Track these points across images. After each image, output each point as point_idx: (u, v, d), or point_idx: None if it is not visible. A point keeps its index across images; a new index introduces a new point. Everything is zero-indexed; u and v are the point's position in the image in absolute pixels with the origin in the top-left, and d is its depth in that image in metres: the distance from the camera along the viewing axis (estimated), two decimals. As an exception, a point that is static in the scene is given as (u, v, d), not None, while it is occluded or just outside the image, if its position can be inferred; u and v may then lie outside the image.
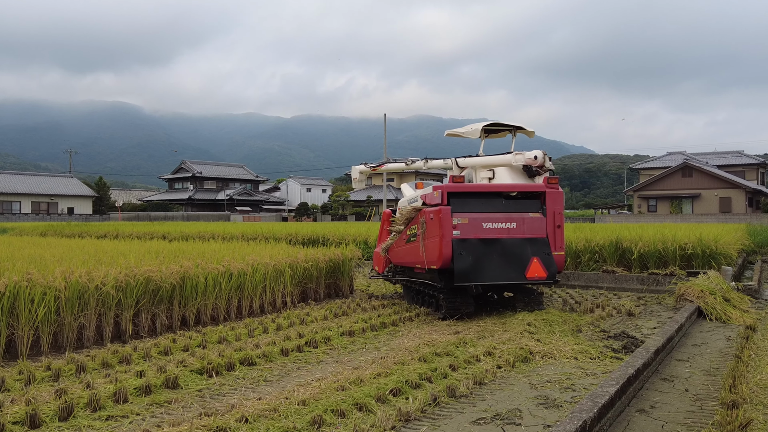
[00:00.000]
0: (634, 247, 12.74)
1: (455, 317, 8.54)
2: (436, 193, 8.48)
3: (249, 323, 8.22)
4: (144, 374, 5.51)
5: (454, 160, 9.96)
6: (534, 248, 8.46)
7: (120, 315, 7.24)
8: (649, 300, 10.85)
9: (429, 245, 8.43)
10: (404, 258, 9.58)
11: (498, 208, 8.57)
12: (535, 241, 8.52)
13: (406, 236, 9.41)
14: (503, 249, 8.34)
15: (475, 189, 8.69)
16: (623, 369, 5.19)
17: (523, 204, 8.77)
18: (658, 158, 70.85)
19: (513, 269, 8.31)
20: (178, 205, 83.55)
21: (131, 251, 10.19)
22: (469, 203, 8.46)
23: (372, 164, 12.22)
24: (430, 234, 8.40)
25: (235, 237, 18.51)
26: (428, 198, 8.73)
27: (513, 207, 8.65)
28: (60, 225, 31.36)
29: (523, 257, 8.36)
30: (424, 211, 8.70)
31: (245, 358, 6.11)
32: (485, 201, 8.58)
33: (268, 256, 9.95)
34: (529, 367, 6.02)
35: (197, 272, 8.14)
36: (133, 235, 20.83)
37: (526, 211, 8.66)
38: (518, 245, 8.42)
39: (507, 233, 8.43)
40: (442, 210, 8.24)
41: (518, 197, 8.87)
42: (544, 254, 8.46)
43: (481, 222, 8.34)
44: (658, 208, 58.99)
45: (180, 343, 6.90)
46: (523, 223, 8.54)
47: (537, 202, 8.84)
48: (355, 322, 8.31)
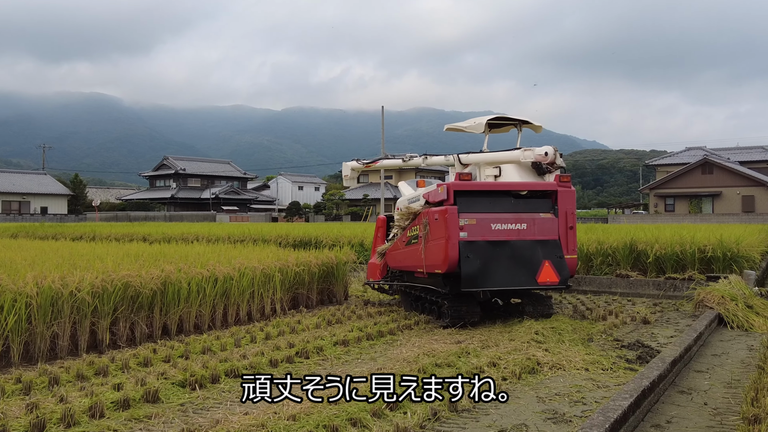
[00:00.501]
0: (649, 249, 12.76)
1: (459, 326, 8.53)
2: (441, 191, 8.42)
3: (235, 332, 8.21)
4: (122, 387, 5.51)
5: (456, 156, 9.90)
6: (545, 251, 8.42)
7: (96, 323, 7.23)
8: (665, 306, 10.87)
9: (433, 247, 8.39)
10: (404, 262, 9.58)
11: (507, 207, 8.53)
12: (546, 244, 8.48)
13: (406, 238, 9.37)
14: (513, 252, 8.30)
15: (484, 187, 8.65)
16: (637, 381, 5.20)
17: (534, 204, 8.75)
18: (676, 154, 71.01)
19: (523, 273, 8.27)
20: (160, 205, 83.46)
21: (109, 254, 10.18)
22: (477, 202, 8.41)
23: (365, 160, 12.18)
24: (435, 235, 8.36)
25: (220, 239, 18.50)
26: (432, 196, 8.69)
27: (523, 207, 8.63)
28: (32, 226, 31.34)
29: (533, 261, 8.32)
30: (427, 211, 8.66)
31: (231, 369, 6.11)
32: (494, 200, 8.54)
33: (256, 259, 9.95)
34: (537, 379, 6.02)
35: (180, 277, 8.14)
36: (111, 237, 20.82)
37: (536, 212, 8.64)
38: (529, 248, 8.38)
39: (517, 235, 8.39)
40: (448, 210, 8.18)
41: (529, 196, 8.87)
42: (556, 257, 8.41)
43: (489, 223, 8.29)
44: (676, 208, 59.09)
45: (161, 353, 6.90)
46: (534, 224, 8.50)
47: (548, 201, 8.83)
48: (349, 330, 8.32)
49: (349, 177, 12.32)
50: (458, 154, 9.89)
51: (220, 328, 8.63)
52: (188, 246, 13.81)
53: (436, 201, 8.56)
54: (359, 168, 12.15)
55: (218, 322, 8.69)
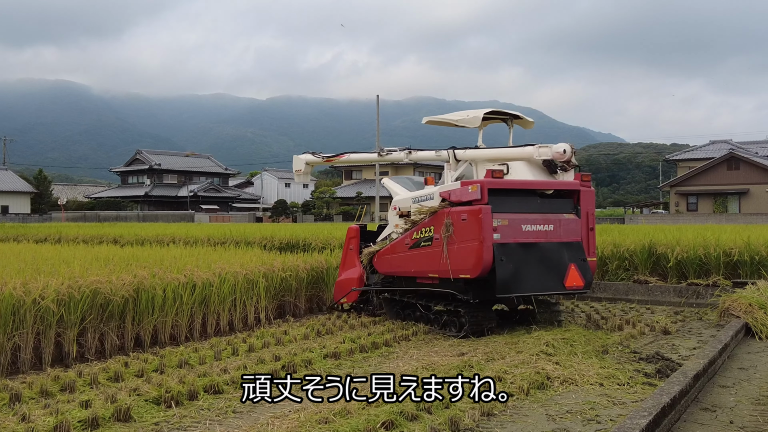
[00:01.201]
0: (670, 252, 12.80)
1: (461, 336, 8.63)
2: (472, 189, 8.48)
3: (215, 343, 8.21)
4: (90, 404, 5.50)
5: (451, 151, 9.82)
6: (570, 254, 8.73)
7: (62, 334, 7.23)
8: (687, 315, 10.90)
9: (460, 251, 8.49)
10: (405, 267, 9.58)
11: (535, 208, 8.80)
12: (571, 246, 8.80)
13: (411, 240, 9.37)
14: (542, 255, 8.57)
15: (514, 186, 8.84)
16: (656, 397, 5.20)
17: (558, 204, 9.03)
18: (700, 148, 71.22)
19: (552, 278, 8.55)
20: (133, 203, 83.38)
21: (76, 258, 10.16)
22: (507, 202, 8.60)
23: (326, 154, 11.98)
24: (463, 237, 8.45)
25: (199, 241, 18.48)
26: (457, 195, 8.73)
27: (549, 207, 8.91)
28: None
29: (561, 264, 8.62)
30: (450, 210, 8.72)
31: (210, 385, 6.10)
32: (522, 200, 8.77)
33: (238, 263, 9.95)
34: (546, 395, 6.03)
35: (154, 283, 8.14)
36: (79, 239, 20.79)
37: (561, 212, 8.95)
38: (556, 250, 8.68)
39: (545, 237, 8.66)
40: (482, 209, 8.27)
41: (553, 196, 9.11)
42: (580, 260, 8.73)
43: (520, 224, 8.53)
44: (699, 207, 59.27)
45: (133, 367, 6.89)
46: (560, 226, 8.80)
47: (570, 201, 9.13)
48: (341, 341, 8.32)
49: (302, 172, 12.05)
50: (454, 150, 9.82)
51: (198, 339, 8.63)
52: (164, 249, 13.80)
53: (464, 200, 8.61)
54: (315, 162, 11.96)
55: (197, 333, 8.69)
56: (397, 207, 10.14)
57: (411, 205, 9.73)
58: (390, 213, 10.39)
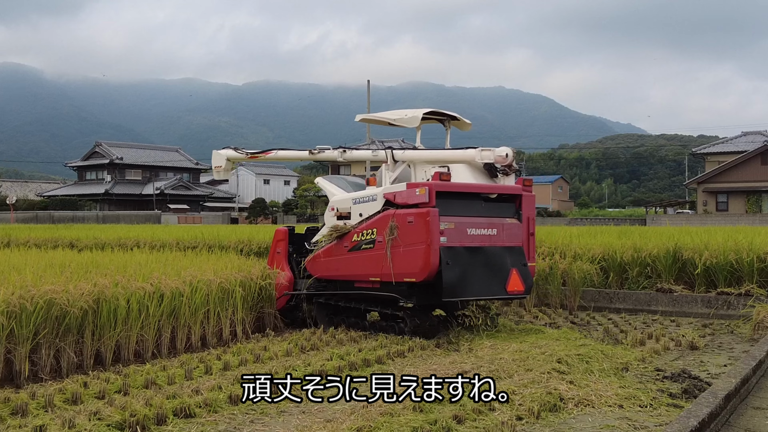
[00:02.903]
0: (697, 258, 12.85)
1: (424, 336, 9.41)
2: (420, 192, 9.20)
3: (186, 361, 8.21)
4: (45, 430, 5.48)
5: (389, 152, 10.48)
6: (512, 258, 9.65)
7: (12, 350, 7.20)
8: (717, 328, 10.96)
9: (406, 254, 9.18)
10: (342, 270, 10.17)
11: (480, 211, 9.67)
12: (513, 251, 9.74)
13: (351, 243, 9.95)
14: (486, 259, 9.45)
15: (460, 189, 9.63)
16: (683, 421, 5.23)
17: (501, 208, 9.97)
18: (731, 140, 71.59)
19: (495, 282, 9.44)
20: (92, 202, 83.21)
21: (27, 264, 10.13)
22: (453, 205, 9.37)
23: (250, 150, 12.42)
24: (409, 240, 9.16)
25: (167, 245, 18.44)
26: (402, 197, 9.46)
27: (492, 211, 9.82)
28: (-69, 229, 31.11)
29: (503, 269, 9.51)
30: (394, 212, 9.40)
31: (181, 407, 6.10)
32: (467, 203, 9.59)
33: (211, 270, 9.94)
34: (559, 418, 6.06)
35: (116, 293, 8.12)
36: (31, 243, 20.72)
37: (504, 216, 9.91)
38: (499, 255, 9.58)
39: (489, 241, 9.57)
40: (430, 212, 9.01)
41: (496, 200, 9.97)
42: (521, 265, 9.67)
43: (466, 227, 9.37)
44: (730, 206, 59.56)
45: (93, 387, 6.88)
46: (503, 230, 9.75)
47: (513, 206, 10.08)
48: (328, 358, 8.33)
49: (222, 168, 12.44)
50: (392, 150, 10.56)
51: (167, 356, 8.62)
52: (127, 254, 13.77)
53: (410, 203, 9.32)
54: (238, 159, 12.37)
55: (165, 349, 8.68)
56: (335, 208, 10.61)
57: (351, 206, 10.27)
58: (327, 214, 10.84)
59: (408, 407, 6.09)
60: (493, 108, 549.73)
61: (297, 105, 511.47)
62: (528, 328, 10.31)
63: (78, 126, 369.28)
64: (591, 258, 13.57)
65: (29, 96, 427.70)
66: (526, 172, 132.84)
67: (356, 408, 6.23)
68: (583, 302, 12.96)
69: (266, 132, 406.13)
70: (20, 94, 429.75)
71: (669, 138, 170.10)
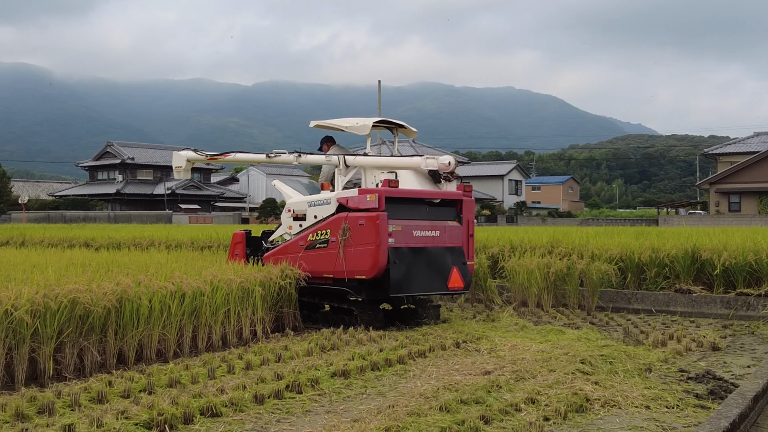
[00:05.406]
0: (716, 258, 12.79)
1: (376, 329, 10.08)
2: (371, 198, 10.09)
3: (208, 360, 8.22)
4: (73, 429, 5.49)
5: (342, 157, 11.18)
6: (453, 258, 10.65)
7: (36, 349, 7.22)
8: (737, 329, 10.92)
9: (357, 253, 10.10)
10: (299, 267, 10.79)
11: (424, 215, 10.65)
12: (453, 251, 10.73)
13: (306, 242, 10.84)
14: (429, 258, 10.43)
15: (407, 194, 10.59)
16: (714, 422, 5.22)
17: (444, 212, 10.96)
18: (742, 140, 71.28)
19: (437, 279, 10.46)
20: (103, 202, 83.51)
21: (49, 263, 10.17)
22: (400, 209, 10.33)
23: (209, 152, 12.92)
24: (360, 241, 10.06)
25: (182, 244, 18.52)
26: (354, 202, 10.31)
27: (436, 215, 10.81)
28: (-55, 228, 31.26)
29: (445, 267, 10.52)
30: (347, 215, 10.29)
31: (207, 406, 6.10)
32: (413, 208, 10.56)
33: (231, 270, 9.96)
34: (586, 419, 6.04)
35: (139, 292, 8.12)
36: (45, 242, 20.81)
37: (446, 219, 10.87)
38: (441, 254, 10.57)
39: (432, 242, 10.54)
40: (380, 216, 9.97)
41: (439, 204, 10.98)
42: (461, 264, 10.68)
43: (411, 230, 10.33)
44: (743, 207, 59.32)
45: (118, 386, 6.89)
46: (445, 232, 10.71)
47: (454, 210, 11.05)
48: (349, 358, 8.32)
49: (182, 169, 12.93)
50: (344, 156, 11.25)
51: (188, 355, 8.63)
52: (145, 254, 13.83)
53: (362, 207, 10.17)
54: (198, 160, 12.89)
55: (186, 348, 8.69)
56: (291, 209, 11.45)
57: (307, 208, 11.09)
58: (284, 215, 11.68)
59: (434, 407, 6.11)
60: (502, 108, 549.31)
61: (305, 105, 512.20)
62: (547, 329, 10.27)
63: (87, 126, 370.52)
64: (608, 258, 13.52)
65: (39, 96, 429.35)
66: (537, 173, 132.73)
67: (382, 408, 6.24)
68: (600, 303, 12.91)
69: (275, 132, 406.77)
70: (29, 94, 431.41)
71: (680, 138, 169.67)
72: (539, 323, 11.15)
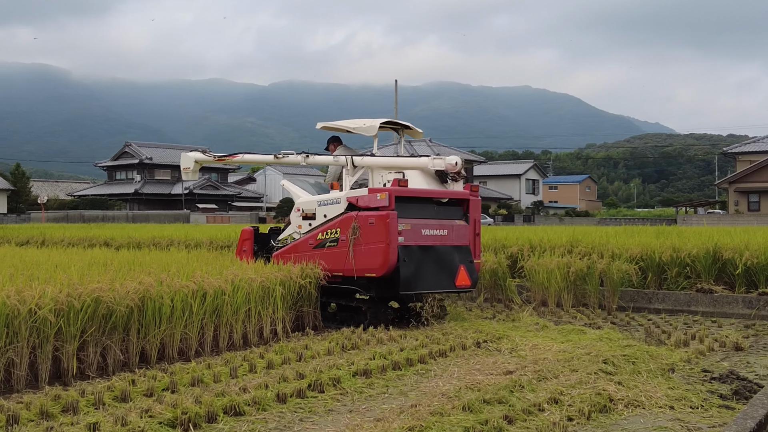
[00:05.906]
0: (738, 258, 12.72)
1: (376, 326, 10.16)
2: (381, 197, 10.23)
3: (230, 359, 8.24)
4: (98, 428, 5.52)
5: (349, 158, 11.26)
6: (460, 256, 10.83)
7: (60, 348, 7.26)
8: (760, 329, 10.84)
9: (367, 252, 10.23)
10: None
11: (432, 214, 10.82)
12: (461, 249, 10.90)
13: (316, 240, 10.98)
14: (437, 257, 10.60)
15: (416, 194, 10.76)
16: (740, 422, 5.18)
17: (451, 211, 11.13)
18: (762, 139, 70.72)
19: (445, 277, 10.63)
20: (121, 202, 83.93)
21: (71, 263, 10.23)
22: (409, 208, 10.46)
23: (217, 153, 13.00)
24: (370, 240, 10.19)
25: (201, 244, 18.58)
26: (364, 201, 10.46)
27: (443, 214, 10.98)
28: (-34, 228, 31.52)
29: (453, 265, 10.70)
30: (357, 214, 10.41)
31: (230, 405, 6.12)
32: (422, 207, 10.72)
33: (252, 269, 9.98)
34: (610, 420, 6.02)
35: (161, 291, 8.15)
36: (65, 242, 20.94)
37: (453, 219, 11.04)
38: (449, 253, 10.74)
39: (440, 240, 10.70)
40: (390, 215, 10.10)
41: (447, 204, 11.16)
42: (468, 262, 10.87)
43: (420, 228, 10.49)
44: (762, 206, 58.88)
45: (141, 385, 6.92)
46: (453, 231, 10.88)
47: (461, 209, 11.22)
48: (370, 357, 8.32)
49: (190, 170, 13.17)
50: (352, 156, 11.34)
51: (210, 354, 8.65)
52: (165, 253, 13.88)
53: (372, 206, 10.30)
54: (206, 160, 13.08)
55: (208, 347, 8.71)
56: (301, 209, 11.50)
57: (316, 207, 11.16)
58: (293, 214, 11.72)
59: (457, 407, 6.10)
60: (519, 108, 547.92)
61: (322, 105, 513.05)
62: (568, 329, 10.23)
63: (105, 126, 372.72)
64: (629, 258, 13.45)
65: (57, 96, 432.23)
66: (554, 172, 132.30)
67: (405, 407, 6.24)
68: (621, 302, 12.85)
69: (291, 132, 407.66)
70: (48, 95, 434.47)
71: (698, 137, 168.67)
72: (560, 323, 11.11)
